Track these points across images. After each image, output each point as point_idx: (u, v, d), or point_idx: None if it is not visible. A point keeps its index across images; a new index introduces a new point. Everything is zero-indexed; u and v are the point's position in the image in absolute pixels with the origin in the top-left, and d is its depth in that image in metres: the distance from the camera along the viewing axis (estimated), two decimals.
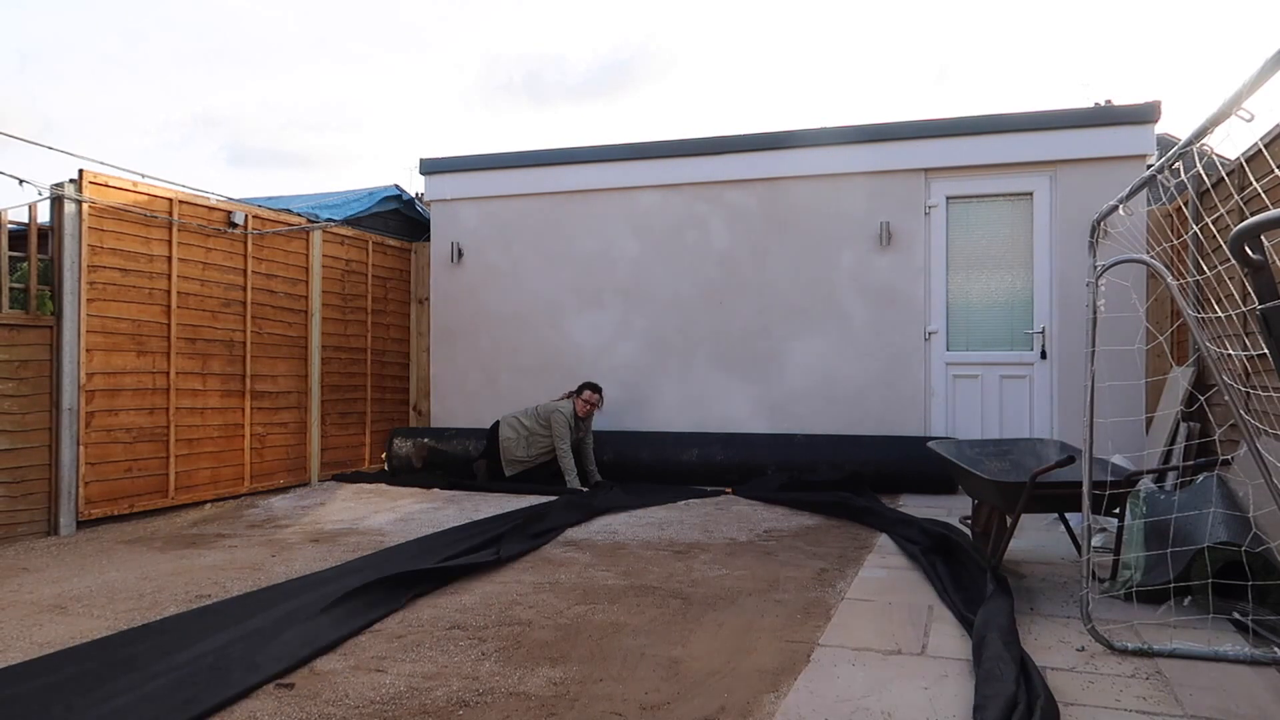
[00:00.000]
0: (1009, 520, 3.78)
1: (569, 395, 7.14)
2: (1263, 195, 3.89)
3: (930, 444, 4.55)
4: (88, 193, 5.52)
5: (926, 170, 7.21)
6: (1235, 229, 1.75)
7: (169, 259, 6.08)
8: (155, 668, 2.88)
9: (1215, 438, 4.81)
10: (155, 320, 5.99)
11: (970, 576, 3.85)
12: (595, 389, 7.09)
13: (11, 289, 5.22)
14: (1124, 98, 10.76)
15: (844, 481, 6.39)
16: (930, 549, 4.34)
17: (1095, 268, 3.33)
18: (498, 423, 7.18)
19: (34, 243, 5.29)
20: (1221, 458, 4.21)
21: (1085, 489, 3.29)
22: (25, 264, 5.32)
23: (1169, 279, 3.15)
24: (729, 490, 6.71)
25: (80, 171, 5.52)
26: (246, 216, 6.69)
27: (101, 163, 5.69)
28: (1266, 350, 1.85)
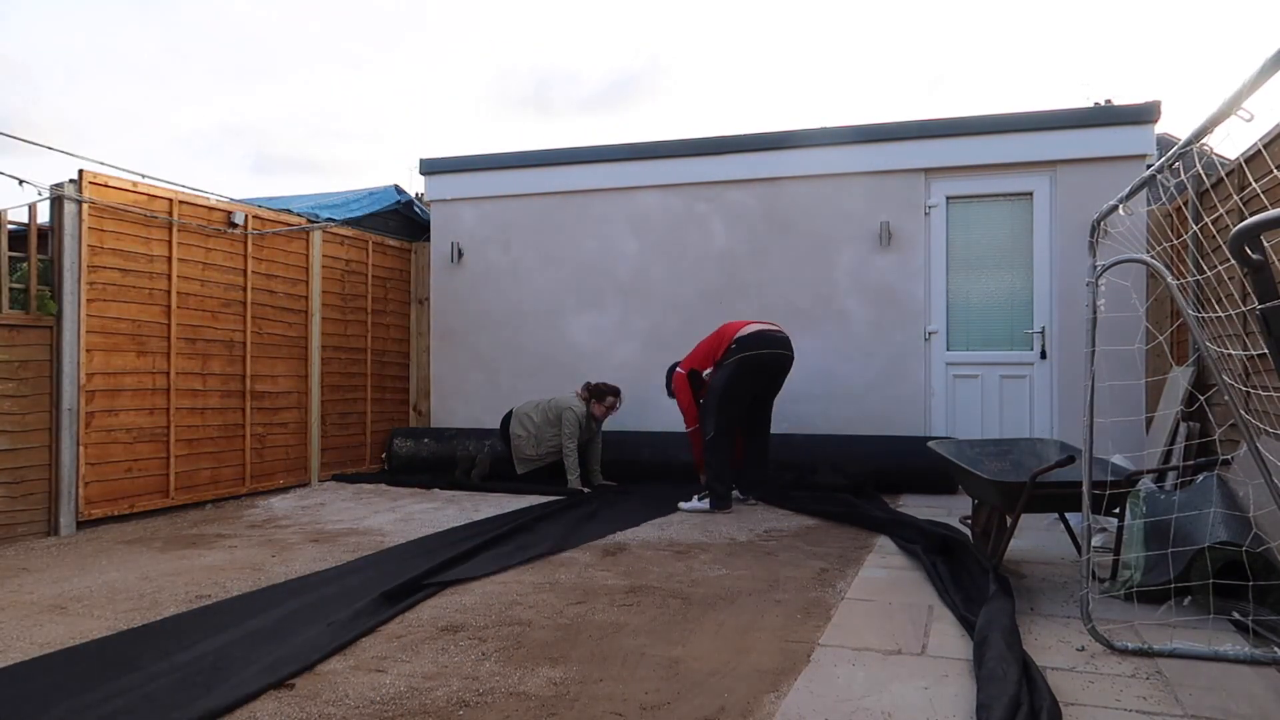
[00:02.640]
0: (1009, 520, 3.78)
1: (585, 394, 7.03)
2: (1262, 195, 3.89)
3: (930, 444, 4.54)
4: (88, 193, 5.53)
5: (926, 170, 7.21)
6: (1235, 229, 1.75)
7: (169, 259, 6.08)
8: (156, 668, 2.88)
9: (1215, 438, 4.81)
10: (155, 320, 5.99)
11: (971, 577, 3.85)
12: (617, 394, 7.04)
13: (11, 289, 5.22)
14: (1124, 98, 10.75)
15: (846, 486, 6.38)
16: (931, 549, 4.34)
17: (1095, 268, 3.33)
18: (510, 414, 7.12)
19: (34, 243, 5.29)
20: (1221, 458, 4.22)
21: (1085, 489, 3.29)
22: (25, 264, 5.32)
23: (1169, 279, 3.15)
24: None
25: (80, 172, 5.53)
26: (246, 216, 6.69)
27: (101, 163, 5.70)
28: (1267, 350, 1.85)
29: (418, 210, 9.02)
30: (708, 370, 6.21)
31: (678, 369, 6.41)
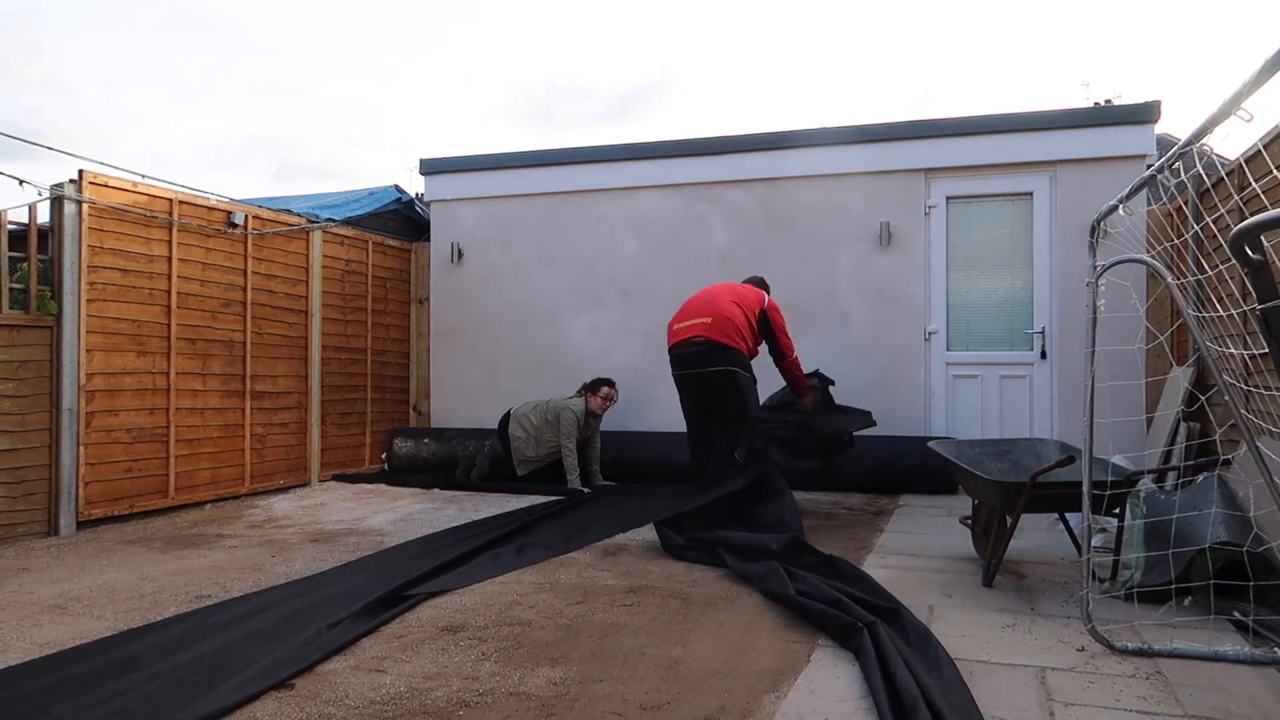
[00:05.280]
0: (1009, 520, 3.78)
1: (582, 392, 7.09)
2: (1262, 195, 3.89)
3: (930, 444, 4.54)
4: (87, 193, 5.52)
5: (926, 170, 7.20)
6: (1235, 229, 1.75)
7: (169, 259, 6.08)
8: (156, 668, 2.88)
9: (1215, 438, 4.81)
10: (155, 320, 5.99)
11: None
12: (612, 384, 7.07)
13: (11, 289, 5.22)
14: (1124, 97, 10.75)
15: (845, 486, 6.38)
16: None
17: (1095, 268, 3.33)
18: (508, 415, 7.13)
19: (34, 243, 5.29)
20: (1221, 458, 4.22)
21: (1085, 489, 3.29)
22: (25, 264, 5.32)
23: (1169, 279, 3.15)
24: None
25: (80, 172, 5.53)
26: (246, 217, 6.69)
27: (101, 163, 5.71)
28: (1267, 350, 1.85)
29: (417, 210, 9.01)
30: None
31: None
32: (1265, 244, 1.79)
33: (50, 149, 5.64)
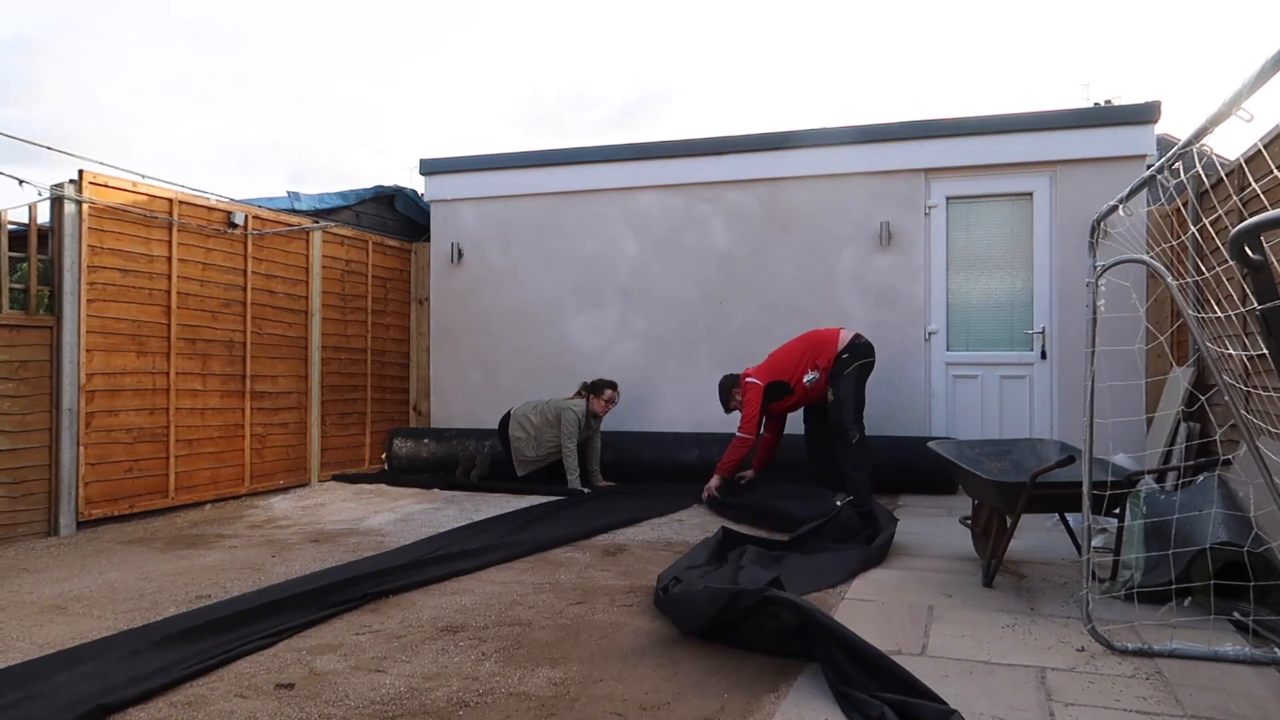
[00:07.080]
0: (1009, 520, 3.78)
1: (583, 393, 7.07)
2: (1262, 196, 3.89)
3: (930, 444, 4.54)
4: (87, 193, 5.52)
5: (926, 170, 7.20)
6: (1235, 230, 1.75)
7: (169, 259, 6.08)
8: (157, 669, 2.88)
9: (1215, 438, 4.81)
10: (155, 320, 5.99)
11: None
12: (614, 386, 7.06)
13: (11, 289, 5.22)
14: (1124, 98, 10.75)
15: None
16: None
17: (1095, 268, 3.33)
18: (508, 415, 7.12)
19: (34, 243, 5.29)
20: (1221, 458, 4.22)
21: (1085, 489, 3.29)
22: (25, 264, 5.32)
23: (1169, 279, 3.15)
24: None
25: (80, 172, 5.52)
26: (246, 217, 6.69)
27: (101, 163, 5.71)
28: (1266, 350, 1.85)
29: (414, 202, 8.93)
30: (809, 376, 6.00)
31: (749, 379, 6.19)
32: (1265, 244, 1.79)
33: (51, 149, 5.64)
